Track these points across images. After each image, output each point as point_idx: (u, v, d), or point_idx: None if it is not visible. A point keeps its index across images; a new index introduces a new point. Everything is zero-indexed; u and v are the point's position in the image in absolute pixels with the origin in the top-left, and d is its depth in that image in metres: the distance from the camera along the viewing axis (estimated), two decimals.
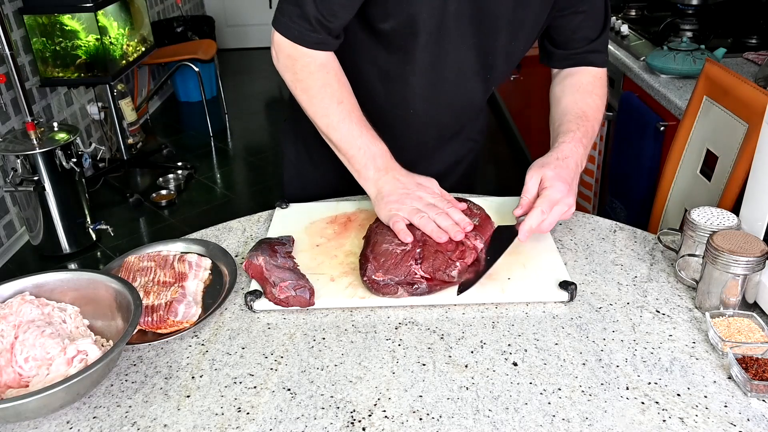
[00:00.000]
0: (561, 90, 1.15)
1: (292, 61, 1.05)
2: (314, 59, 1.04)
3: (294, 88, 1.07)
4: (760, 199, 0.89)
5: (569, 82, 1.15)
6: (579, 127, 1.06)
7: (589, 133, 1.08)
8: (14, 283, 0.89)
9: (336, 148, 1.07)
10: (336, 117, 1.04)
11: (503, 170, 3.51)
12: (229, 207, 3.31)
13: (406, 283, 0.92)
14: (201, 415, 0.76)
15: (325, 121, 1.05)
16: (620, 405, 0.76)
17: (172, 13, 4.84)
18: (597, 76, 1.15)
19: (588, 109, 1.10)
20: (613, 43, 2.16)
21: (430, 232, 0.95)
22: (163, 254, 1.03)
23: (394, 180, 1.02)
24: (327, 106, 1.04)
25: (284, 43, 1.04)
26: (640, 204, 1.87)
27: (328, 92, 1.04)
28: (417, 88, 1.13)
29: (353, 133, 1.04)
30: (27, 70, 3.05)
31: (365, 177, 1.04)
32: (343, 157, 1.06)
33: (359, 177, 1.05)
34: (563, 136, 1.05)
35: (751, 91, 1.22)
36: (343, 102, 1.04)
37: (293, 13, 1.00)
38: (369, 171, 1.03)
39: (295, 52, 1.03)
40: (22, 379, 0.79)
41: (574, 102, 1.11)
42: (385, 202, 1.00)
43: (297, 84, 1.06)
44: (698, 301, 0.91)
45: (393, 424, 0.74)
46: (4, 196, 2.85)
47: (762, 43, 2.01)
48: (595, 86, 1.14)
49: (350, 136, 1.04)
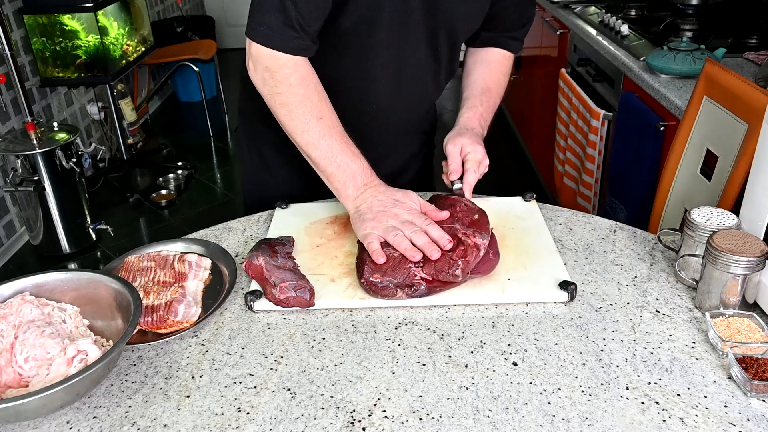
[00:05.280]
0: (473, 62, 1.28)
1: (271, 74, 1.02)
2: (294, 71, 1.02)
3: (272, 102, 1.04)
4: (760, 199, 0.89)
5: (481, 57, 1.28)
6: (482, 103, 1.22)
7: (490, 107, 1.24)
8: (14, 283, 0.89)
9: (315, 165, 1.05)
10: (316, 133, 1.02)
11: (503, 170, 3.52)
12: (229, 207, 3.31)
13: (404, 285, 0.92)
14: (201, 415, 0.76)
15: (305, 138, 1.03)
16: (620, 405, 0.76)
17: (172, 13, 4.84)
18: (506, 56, 1.29)
19: (492, 85, 1.25)
20: (613, 43, 2.16)
21: (403, 250, 0.94)
22: (163, 254, 1.03)
23: (371, 197, 1.01)
24: (307, 121, 1.02)
25: (263, 55, 1.01)
26: (640, 204, 1.87)
27: (308, 107, 1.02)
28: (379, 84, 1.15)
29: (333, 150, 1.02)
30: (27, 70, 3.05)
31: (344, 195, 1.03)
32: (322, 174, 1.05)
33: (339, 195, 1.04)
34: (468, 111, 1.20)
35: (751, 91, 1.22)
36: (323, 118, 1.03)
37: (275, 21, 0.99)
38: (348, 189, 1.02)
39: (274, 63, 1.01)
40: (22, 379, 0.79)
41: (482, 77, 1.25)
42: (361, 220, 1.00)
43: (275, 98, 1.03)
44: (698, 301, 0.91)
45: (393, 424, 0.74)
46: (4, 196, 2.85)
47: (762, 43, 2.01)
48: (503, 64, 1.28)
49: (329, 153, 1.02)
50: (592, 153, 2.17)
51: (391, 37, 1.09)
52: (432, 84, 1.23)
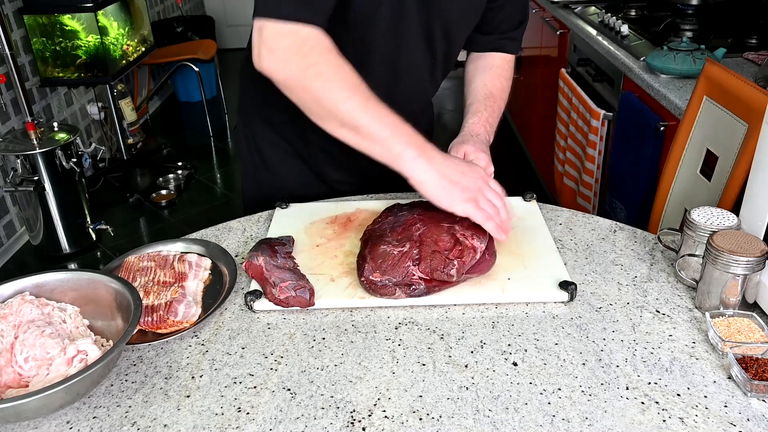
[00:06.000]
0: (474, 68, 1.27)
1: (296, 50, 0.95)
2: (319, 41, 0.95)
3: (305, 77, 0.95)
4: (760, 199, 0.89)
5: (481, 63, 1.26)
6: (486, 108, 1.20)
7: (495, 112, 1.21)
8: (14, 283, 0.89)
9: (364, 133, 0.96)
10: (362, 96, 0.95)
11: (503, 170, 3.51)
12: (229, 207, 3.31)
13: (403, 284, 0.92)
14: (201, 415, 0.76)
15: (350, 105, 0.95)
16: (620, 405, 0.76)
17: (172, 13, 4.84)
18: (506, 60, 1.27)
19: (495, 90, 1.23)
20: (613, 43, 2.16)
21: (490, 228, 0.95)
22: (163, 254, 1.03)
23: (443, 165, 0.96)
24: (349, 87, 0.95)
25: (283, 32, 0.94)
26: (640, 204, 1.87)
27: (346, 72, 0.96)
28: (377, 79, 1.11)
29: (383, 111, 0.95)
30: (27, 70, 3.05)
31: (406, 158, 0.95)
32: (374, 141, 0.96)
33: (398, 159, 0.95)
34: (472, 117, 1.18)
35: (751, 91, 1.22)
36: (361, 84, 0.96)
37: None
38: (410, 150, 0.95)
39: (295, 39, 0.94)
40: (22, 379, 0.79)
41: (483, 83, 1.23)
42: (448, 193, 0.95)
43: (309, 70, 0.95)
44: (698, 301, 0.91)
45: (393, 424, 0.74)
46: (4, 196, 2.85)
47: (762, 43, 2.01)
48: (503, 69, 1.27)
49: (380, 115, 0.95)
50: (592, 153, 2.17)
51: (388, 32, 1.09)
52: (428, 79, 1.22)
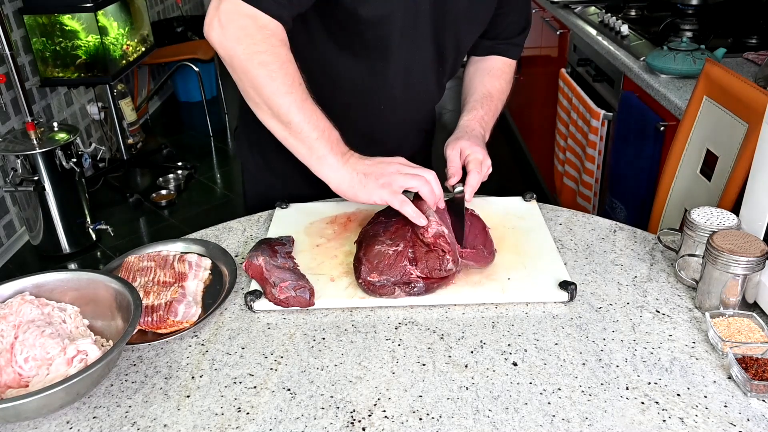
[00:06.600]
0: (474, 70, 1.28)
1: (253, 31, 0.94)
2: (275, 34, 0.95)
3: (250, 62, 0.94)
4: (760, 199, 0.89)
5: (482, 66, 1.28)
6: (482, 106, 1.20)
7: (492, 111, 1.22)
8: (14, 283, 0.89)
9: (294, 131, 0.97)
10: (299, 95, 0.95)
11: (503, 170, 3.52)
12: (229, 207, 3.31)
13: (402, 283, 0.92)
14: (201, 415, 0.76)
15: (288, 100, 0.95)
16: (620, 405, 0.76)
17: (172, 13, 4.84)
18: (507, 63, 1.29)
19: (494, 91, 1.24)
20: (613, 43, 2.16)
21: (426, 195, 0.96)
22: (163, 254, 1.03)
23: (359, 163, 0.98)
24: (290, 83, 0.95)
25: (241, 12, 0.93)
26: (640, 204, 1.87)
27: (291, 69, 0.96)
28: (390, 84, 1.15)
29: (316, 114, 0.96)
30: (27, 70, 3.05)
31: (330, 164, 0.97)
32: (302, 141, 0.97)
33: (321, 163, 0.97)
34: (468, 114, 1.19)
35: (751, 91, 1.22)
36: (302, 83, 0.96)
37: None
38: (334, 155, 0.97)
39: (253, 23, 0.94)
40: (22, 379, 0.79)
41: (482, 84, 1.24)
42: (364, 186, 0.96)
43: (255, 57, 0.94)
44: (698, 301, 0.91)
45: (393, 424, 0.74)
46: (4, 196, 2.85)
47: (762, 43, 2.00)
48: (504, 71, 1.27)
49: (314, 117, 0.96)
50: (592, 153, 2.17)
51: (403, 39, 1.09)
52: (435, 86, 1.24)
